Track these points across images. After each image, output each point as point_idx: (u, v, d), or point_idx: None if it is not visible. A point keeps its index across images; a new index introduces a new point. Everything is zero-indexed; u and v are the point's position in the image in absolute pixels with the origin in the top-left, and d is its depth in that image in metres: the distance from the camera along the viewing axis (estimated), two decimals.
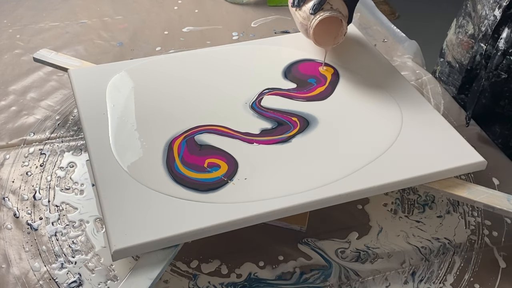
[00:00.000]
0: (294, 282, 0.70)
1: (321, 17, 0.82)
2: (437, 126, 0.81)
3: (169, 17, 1.22)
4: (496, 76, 0.88)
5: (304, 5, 0.86)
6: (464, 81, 0.94)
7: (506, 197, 0.72)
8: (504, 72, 0.88)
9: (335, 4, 0.84)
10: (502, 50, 0.87)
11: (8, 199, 0.78)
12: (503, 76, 0.88)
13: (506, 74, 0.88)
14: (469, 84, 0.94)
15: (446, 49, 1.05)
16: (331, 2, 0.84)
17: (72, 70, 0.89)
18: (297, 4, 0.87)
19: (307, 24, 0.85)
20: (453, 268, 0.72)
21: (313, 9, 0.83)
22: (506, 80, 0.89)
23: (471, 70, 0.92)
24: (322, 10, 0.83)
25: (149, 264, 0.63)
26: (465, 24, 0.97)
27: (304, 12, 0.85)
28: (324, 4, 0.83)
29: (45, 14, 1.22)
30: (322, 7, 0.83)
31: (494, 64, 0.88)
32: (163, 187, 0.70)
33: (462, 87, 0.95)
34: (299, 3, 0.87)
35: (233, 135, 0.78)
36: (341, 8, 0.84)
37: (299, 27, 0.89)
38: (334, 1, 0.84)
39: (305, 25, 0.86)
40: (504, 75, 0.88)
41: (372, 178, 0.72)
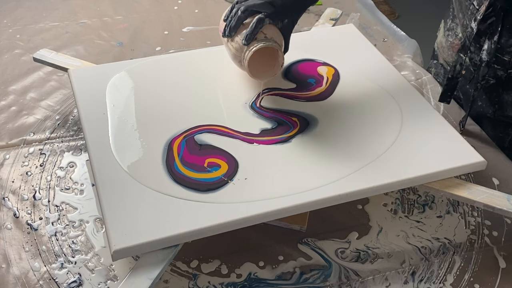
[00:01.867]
0: (294, 282, 0.70)
1: (255, 48, 0.76)
2: (437, 126, 0.81)
3: (169, 17, 1.22)
4: (485, 82, 0.89)
5: (236, 35, 0.79)
6: (446, 89, 0.92)
7: (506, 197, 0.72)
8: (492, 78, 0.88)
9: (269, 33, 0.78)
10: (485, 61, 0.87)
11: (8, 199, 0.78)
12: (492, 82, 0.89)
13: (494, 79, 0.89)
14: (450, 92, 0.92)
15: (438, 51, 1.05)
16: (265, 31, 0.77)
17: (72, 70, 0.89)
18: (228, 34, 0.80)
19: (241, 56, 0.79)
20: (453, 268, 0.72)
21: (246, 40, 0.77)
22: (495, 85, 0.89)
23: (452, 79, 0.91)
24: (255, 40, 0.77)
25: (149, 264, 0.63)
26: (454, 27, 0.96)
27: (237, 43, 0.79)
28: (257, 34, 0.77)
29: (45, 14, 1.22)
30: (256, 36, 0.77)
31: (480, 75, 0.89)
32: (163, 187, 0.70)
33: (444, 95, 0.93)
34: (231, 33, 0.80)
35: (233, 135, 0.78)
36: (276, 37, 0.78)
37: (232, 58, 0.82)
38: (268, 30, 0.78)
39: (238, 56, 0.79)
40: (493, 81, 0.89)
41: (372, 178, 0.72)
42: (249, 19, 0.79)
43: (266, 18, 0.77)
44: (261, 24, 0.77)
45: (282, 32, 0.80)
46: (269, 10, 0.78)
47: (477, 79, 0.89)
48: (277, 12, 0.78)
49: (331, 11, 1.09)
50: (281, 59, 0.79)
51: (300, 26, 1.18)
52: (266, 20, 0.77)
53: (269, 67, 0.81)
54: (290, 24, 0.81)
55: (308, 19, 1.20)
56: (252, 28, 0.76)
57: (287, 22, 0.80)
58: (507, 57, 0.86)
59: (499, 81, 0.88)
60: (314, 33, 1.03)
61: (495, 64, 0.87)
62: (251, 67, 0.78)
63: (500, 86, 0.89)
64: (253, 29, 0.76)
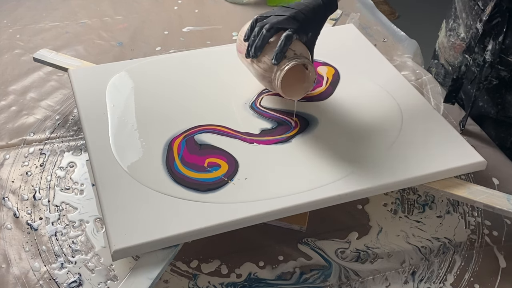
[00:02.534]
0: (294, 282, 0.70)
1: (287, 66, 0.73)
2: (437, 126, 0.81)
3: (169, 17, 1.22)
4: (488, 83, 0.89)
5: (263, 55, 0.76)
6: (451, 90, 0.92)
7: (506, 197, 0.72)
8: (495, 78, 0.88)
9: (297, 49, 0.75)
10: (489, 62, 0.87)
11: (8, 199, 0.78)
12: (494, 83, 0.89)
13: (497, 80, 0.88)
14: (455, 93, 0.92)
15: (439, 51, 1.05)
16: (293, 47, 0.75)
17: (72, 70, 0.89)
18: (253, 55, 0.76)
19: (271, 76, 0.75)
20: (454, 268, 0.72)
21: (276, 59, 0.74)
22: (498, 86, 0.89)
23: (457, 80, 0.91)
24: (286, 58, 0.74)
25: (149, 264, 0.63)
26: (456, 27, 0.96)
27: (265, 63, 0.76)
28: (286, 52, 0.74)
29: (45, 14, 1.22)
30: (285, 54, 0.74)
31: (483, 76, 0.88)
32: (163, 187, 0.70)
33: (449, 96, 0.93)
34: (256, 52, 0.76)
35: (233, 135, 0.78)
36: (304, 52, 0.76)
37: (260, 79, 0.79)
38: (296, 46, 0.75)
39: (268, 77, 0.76)
40: (496, 81, 0.89)
41: (372, 178, 0.72)
42: (274, 37, 0.76)
43: (293, 34, 0.75)
44: (290, 41, 0.74)
45: (307, 45, 0.78)
46: (295, 25, 0.75)
47: (479, 79, 0.89)
48: (302, 26, 0.76)
49: None
50: (313, 74, 0.76)
51: None
52: (294, 36, 0.75)
53: (299, 83, 0.77)
54: (314, 37, 0.79)
55: None
56: (282, 46, 0.73)
57: (311, 36, 0.78)
58: (511, 58, 0.86)
59: (502, 81, 0.88)
60: None
61: (499, 65, 0.87)
62: (283, 86, 0.75)
63: (503, 87, 0.89)
64: (282, 47, 0.73)
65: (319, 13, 0.79)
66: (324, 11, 0.80)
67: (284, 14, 0.76)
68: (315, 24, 0.79)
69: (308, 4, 0.78)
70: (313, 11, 0.78)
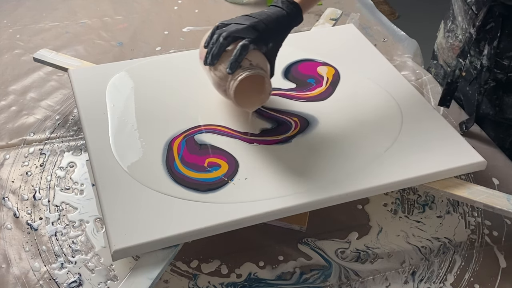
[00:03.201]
0: (294, 282, 0.70)
1: (241, 76, 0.71)
2: (437, 126, 0.81)
3: (169, 17, 1.22)
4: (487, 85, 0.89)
5: (220, 63, 0.74)
6: (446, 93, 0.92)
7: (506, 197, 0.72)
8: (492, 80, 0.89)
9: (254, 59, 0.73)
10: (486, 67, 0.88)
11: (8, 199, 0.78)
12: (492, 84, 0.89)
13: (495, 82, 0.89)
14: (450, 96, 0.92)
15: (438, 52, 1.05)
16: (250, 57, 0.73)
17: (72, 70, 0.89)
18: (210, 62, 0.75)
19: (225, 85, 0.74)
20: (454, 268, 0.72)
21: (230, 68, 0.72)
22: (495, 87, 0.89)
23: (451, 83, 0.91)
24: (240, 68, 0.72)
25: (149, 264, 0.63)
26: (454, 29, 0.96)
27: (220, 71, 0.74)
28: (242, 61, 0.73)
29: (45, 14, 1.22)
30: (241, 64, 0.73)
31: (482, 80, 0.89)
32: (163, 187, 0.70)
33: (443, 99, 0.92)
34: (213, 61, 0.74)
35: (233, 135, 0.78)
36: (261, 63, 0.74)
37: (216, 87, 0.77)
38: (253, 56, 0.73)
39: (223, 85, 0.75)
40: (493, 83, 0.89)
41: (372, 178, 0.72)
42: (232, 45, 0.74)
43: (250, 44, 0.73)
44: (246, 51, 0.72)
45: (267, 56, 0.76)
46: (253, 35, 0.74)
47: (479, 83, 0.89)
48: (261, 36, 0.74)
49: (331, 11, 1.09)
50: (269, 86, 0.74)
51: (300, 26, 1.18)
52: (250, 46, 0.73)
53: (255, 94, 0.76)
54: (275, 48, 0.77)
55: (308, 19, 1.20)
56: (237, 55, 0.72)
57: (272, 46, 0.76)
58: (506, 61, 0.86)
59: (499, 83, 0.89)
60: (314, 33, 1.03)
61: (495, 69, 0.87)
62: (237, 96, 0.73)
63: (500, 89, 0.89)
64: (237, 56, 0.72)
65: (282, 23, 0.77)
66: (288, 22, 0.78)
67: (244, 23, 0.74)
68: (276, 34, 0.77)
69: (271, 14, 0.77)
70: (276, 22, 0.76)
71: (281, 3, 0.78)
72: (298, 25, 0.80)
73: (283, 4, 0.78)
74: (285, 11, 0.77)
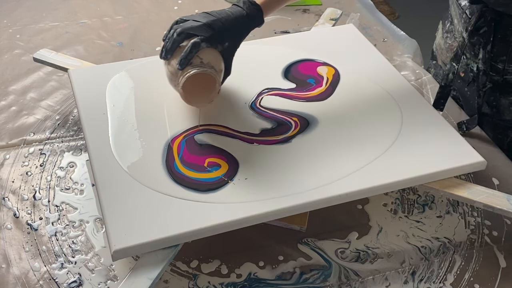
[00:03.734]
0: (294, 282, 0.70)
1: (188, 74, 0.72)
2: (437, 126, 0.81)
3: (169, 17, 1.22)
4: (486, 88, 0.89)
5: (173, 58, 0.74)
6: (439, 97, 0.92)
7: (506, 197, 0.72)
8: (489, 82, 0.89)
9: (206, 57, 0.73)
10: (482, 70, 0.88)
11: (8, 199, 0.78)
12: (489, 86, 0.89)
13: (491, 83, 0.89)
14: (443, 99, 0.92)
15: (436, 53, 1.05)
16: (202, 55, 0.73)
17: (72, 70, 0.89)
18: (164, 56, 0.76)
19: (176, 80, 0.75)
20: (454, 268, 0.72)
21: (180, 64, 0.73)
22: (492, 89, 0.89)
23: (445, 87, 0.91)
24: (190, 66, 0.73)
25: (149, 264, 0.63)
26: (452, 30, 0.96)
27: (172, 66, 0.75)
28: (193, 58, 0.73)
29: (45, 14, 1.22)
30: (191, 61, 0.73)
31: (480, 83, 0.89)
32: (163, 187, 0.70)
33: (437, 103, 0.92)
34: (167, 55, 0.75)
35: (233, 135, 0.78)
36: (213, 62, 0.74)
37: (169, 81, 0.78)
38: (206, 54, 0.73)
39: (174, 80, 0.75)
40: (490, 85, 0.89)
41: (372, 178, 0.72)
42: (185, 42, 0.74)
43: (202, 42, 0.73)
44: (196, 49, 0.73)
45: (223, 55, 0.76)
46: (207, 33, 0.74)
47: (478, 86, 0.89)
48: (217, 35, 0.74)
49: (331, 11, 1.09)
50: (218, 85, 0.74)
51: (300, 26, 1.18)
52: (202, 44, 0.73)
53: (205, 92, 0.75)
54: (231, 47, 0.77)
55: (308, 19, 1.20)
56: (187, 52, 0.72)
57: (228, 45, 0.76)
58: (500, 65, 0.87)
59: (495, 85, 0.89)
60: (314, 33, 1.03)
61: (491, 72, 0.88)
62: (186, 92, 0.74)
63: (497, 90, 0.89)
64: (187, 53, 0.72)
65: (241, 24, 0.77)
66: (248, 23, 0.78)
67: (201, 21, 0.75)
68: (234, 34, 0.77)
69: (231, 14, 0.76)
70: (234, 21, 0.76)
71: (243, 3, 0.78)
72: (259, 26, 0.79)
73: (244, 4, 0.78)
74: (245, 11, 0.77)
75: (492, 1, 0.82)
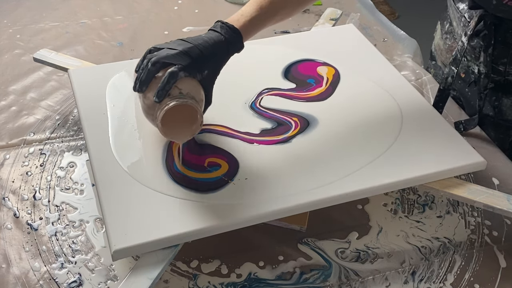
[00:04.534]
0: (294, 282, 0.70)
1: (167, 106, 0.66)
2: (437, 126, 0.81)
3: (169, 17, 1.22)
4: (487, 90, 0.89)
5: (149, 90, 0.68)
6: (438, 100, 0.91)
7: (506, 197, 0.72)
8: (491, 82, 0.89)
9: (185, 87, 0.68)
10: (484, 73, 0.88)
11: (8, 199, 0.78)
12: (490, 86, 0.89)
13: (493, 83, 0.89)
14: (442, 102, 0.91)
15: (435, 53, 1.05)
16: (180, 85, 0.68)
17: (72, 70, 0.89)
18: (138, 89, 0.69)
19: (154, 113, 0.68)
20: (454, 268, 0.72)
21: (157, 96, 0.66)
22: (494, 89, 0.90)
23: (443, 90, 0.90)
24: (169, 97, 0.67)
25: (149, 264, 0.63)
26: (452, 30, 0.96)
27: (149, 99, 0.69)
28: (171, 89, 0.67)
29: (45, 14, 1.22)
30: (169, 92, 0.67)
31: (482, 86, 0.89)
32: (163, 187, 0.70)
33: (435, 106, 0.90)
34: (141, 87, 0.68)
35: (233, 135, 0.78)
36: (193, 92, 0.69)
37: (145, 115, 0.72)
38: (184, 84, 0.68)
39: (151, 114, 0.70)
40: (491, 85, 0.89)
41: (372, 178, 0.72)
42: (161, 72, 0.68)
43: (180, 71, 0.67)
44: (174, 79, 0.67)
45: (202, 84, 0.71)
46: (185, 62, 0.68)
47: (479, 89, 0.89)
48: (195, 63, 0.69)
49: (331, 11, 1.09)
50: (200, 116, 0.68)
51: (300, 26, 1.18)
52: (180, 74, 0.67)
53: (186, 124, 0.70)
54: (211, 75, 0.72)
55: (308, 19, 1.20)
56: (164, 83, 0.66)
57: (207, 74, 0.71)
58: (501, 67, 0.87)
59: (497, 85, 0.89)
60: (314, 33, 1.03)
61: (492, 74, 0.88)
62: (165, 126, 0.68)
63: (499, 91, 0.89)
64: (164, 84, 0.66)
65: (220, 50, 0.71)
66: (227, 48, 0.72)
67: (177, 49, 0.69)
68: (213, 61, 0.71)
69: (208, 39, 0.71)
70: (212, 48, 0.71)
71: (220, 27, 0.73)
72: (238, 52, 0.74)
73: (222, 29, 0.72)
74: (224, 36, 0.72)
75: (492, 7, 0.82)
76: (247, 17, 0.74)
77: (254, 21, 0.74)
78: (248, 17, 0.74)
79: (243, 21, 0.74)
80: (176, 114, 0.67)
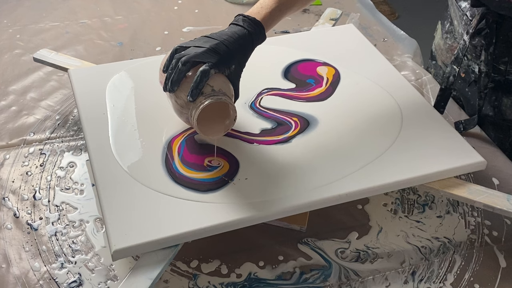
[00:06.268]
0: (294, 282, 0.70)
1: (203, 105, 0.67)
2: (437, 126, 0.81)
3: (169, 17, 1.22)
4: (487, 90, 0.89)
5: (180, 89, 0.70)
6: (439, 100, 0.91)
7: (506, 197, 0.72)
8: (491, 81, 0.89)
9: (216, 84, 0.69)
10: (485, 72, 0.88)
11: (8, 199, 0.78)
12: (490, 86, 0.89)
13: (493, 83, 0.89)
14: (444, 102, 0.91)
15: (436, 53, 1.05)
16: (212, 82, 0.69)
17: (72, 70, 0.89)
18: (170, 89, 0.70)
19: (188, 112, 0.70)
20: (454, 267, 0.72)
21: (191, 96, 0.68)
22: (494, 89, 0.90)
23: (445, 90, 0.90)
24: (202, 95, 0.68)
25: (149, 264, 0.63)
26: (453, 30, 0.96)
27: (181, 99, 0.70)
28: (203, 88, 0.68)
29: (45, 14, 1.22)
30: (202, 91, 0.69)
31: (482, 85, 0.89)
32: (163, 187, 0.70)
33: (437, 106, 0.91)
34: (173, 87, 0.69)
35: (233, 135, 0.78)
36: (224, 88, 0.70)
37: (178, 115, 0.73)
38: (215, 80, 0.69)
39: (185, 113, 0.71)
40: (492, 84, 0.89)
41: (372, 178, 0.72)
42: (192, 71, 0.69)
43: (211, 69, 0.68)
44: (207, 77, 0.68)
45: (230, 79, 0.72)
46: (213, 59, 0.69)
47: (479, 88, 0.89)
48: (223, 59, 0.70)
49: (331, 11, 1.09)
50: (233, 112, 0.70)
51: (300, 26, 1.18)
52: (211, 72, 0.68)
53: (220, 120, 0.72)
54: (238, 70, 0.73)
55: (308, 19, 1.20)
56: (197, 82, 0.68)
57: (234, 68, 0.72)
58: (502, 66, 0.87)
59: (498, 85, 0.89)
60: (314, 33, 1.03)
61: (493, 73, 0.88)
62: (200, 124, 0.69)
63: (499, 90, 0.89)
64: (198, 83, 0.68)
65: (244, 43, 0.73)
66: (251, 41, 0.73)
67: (204, 46, 0.70)
68: (239, 55, 0.72)
69: (232, 34, 0.72)
70: (237, 42, 0.72)
71: (242, 21, 0.73)
72: (261, 43, 0.75)
73: (245, 22, 0.73)
74: (247, 30, 0.73)
75: (495, 5, 0.82)
76: (268, 9, 0.76)
77: (274, 13, 0.76)
78: (269, 9, 0.76)
79: (263, 13, 0.75)
80: (210, 111, 0.69)
